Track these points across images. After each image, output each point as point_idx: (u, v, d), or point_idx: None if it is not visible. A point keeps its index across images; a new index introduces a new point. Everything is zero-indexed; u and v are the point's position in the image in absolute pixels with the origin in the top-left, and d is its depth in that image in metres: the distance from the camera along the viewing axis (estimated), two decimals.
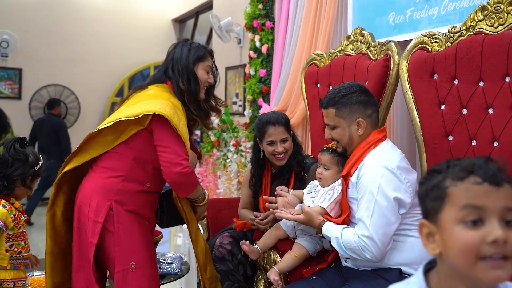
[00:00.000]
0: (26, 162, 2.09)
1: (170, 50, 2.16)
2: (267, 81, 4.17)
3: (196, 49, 2.12)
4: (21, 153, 2.09)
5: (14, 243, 2.06)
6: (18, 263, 2.08)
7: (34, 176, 2.15)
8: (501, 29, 1.83)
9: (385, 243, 1.67)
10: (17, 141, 2.11)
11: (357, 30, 2.58)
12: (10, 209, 2.03)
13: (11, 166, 2.06)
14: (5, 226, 2.01)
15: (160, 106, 1.92)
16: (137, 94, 2.09)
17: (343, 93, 1.87)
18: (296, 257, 2.02)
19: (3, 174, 2.08)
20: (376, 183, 1.70)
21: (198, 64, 2.10)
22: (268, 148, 2.36)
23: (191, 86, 2.07)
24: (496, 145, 1.81)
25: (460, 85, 1.95)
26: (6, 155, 2.09)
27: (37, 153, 2.18)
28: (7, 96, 7.38)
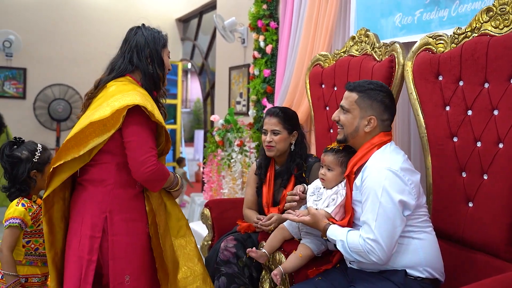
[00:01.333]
0: (21, 161, 2.09)
1: (130, 37, 2.05)
2: (271, 81, 4.17)
3: (159, 34, 2.05)
4: (12, 156, 2.10)
5: (31, 239, 2.08)
6: (34, 259, 2.09)
7: (38, 167, 2.14)
8: (506, 30, 1.83)
9: (390, 246, 1.67)
10: (6, 147, 2.12)
11: (362, 31, 2.58)
12: (29, 207, 2.07)
13: (12, 171, 2.09)
14: (24, 224, 2.04)
15: (129, 98, 1.83)
16: (101, 93, 1.98)
17: (373, 86, 1.87)
18: (301, 258, 2.03)
19: (10, 181, 2.12)
20: (380, 185, 1.70)
21: (163, 50, 2.05)
22: (263, 136, 2.48)
23: (160, 72, 2.02)
24: (501, 146, 1.81)
25: (465, 87, 1.95)
26: (2, 163, 2.12)
27: (31, 145, 2.16)
28: (11, 95, 7.40)
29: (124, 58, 2.02)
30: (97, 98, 1.98)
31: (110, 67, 2.05)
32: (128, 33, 2.07)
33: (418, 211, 1.77)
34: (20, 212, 2.03)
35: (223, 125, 4.49)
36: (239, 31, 5.01)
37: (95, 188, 1.90)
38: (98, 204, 1.88)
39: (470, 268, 1.86)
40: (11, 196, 2.12)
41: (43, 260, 2.10)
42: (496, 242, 1.80)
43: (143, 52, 2.00)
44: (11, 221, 2.02)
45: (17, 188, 2.10)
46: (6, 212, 2.08)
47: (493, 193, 1.82)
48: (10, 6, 7.33)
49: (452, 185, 1.99)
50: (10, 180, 2.12)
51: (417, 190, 1.76)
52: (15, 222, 2.02)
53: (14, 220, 2.02)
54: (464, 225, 1.92)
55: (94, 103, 1.96)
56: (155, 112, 1.85)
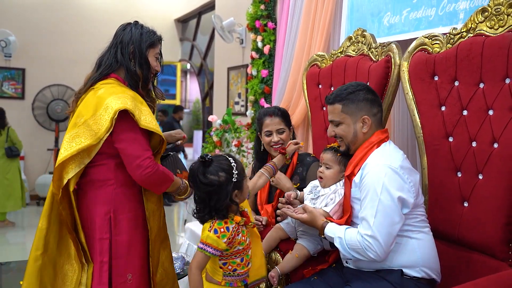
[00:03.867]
0: (220, 187, 1.71)
1: (119, 31, 2.04)
2: (269, 81, 4.18)
3: (148, 34, 2.02)
4: (210, 184, 1.71)
5: (227, 261, 1.79)
6: (233, 280, 1.82)
7: (238, 185, 1.76)
8: (501, 31, 1.83)
9: (388, 242, 1.67)
10: (198, 171, 1.72)
11: (359, 31, 2.59)
12: (222, 234, 1.71)
13: (210, 201, 1.72)
14: (217, 251, 1.73)
15: (121, 101, 1.82)
16: (89, 95, 1.96)
17: (351, 90, 1.88)
18: (297, 258, 2.04)
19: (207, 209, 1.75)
20: (380, 182, 1.70)
21: (150, 50, 2.01)
22: (266, 139, 2.43)
23: (143, 71, 1.97)
24: (496, 146, 1.81)
25: (461, 87, 1.96)
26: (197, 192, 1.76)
27: (223, 162, 1.75)
28: (10, 96, 7.41)
29: (110, 53, 2.02)
30: (87, 98, 1.96)
31: (98, 62, 2.05)
32: (118, 29, 2.07)
33: (416, 211, 1.78)
34: (212, 240, 1.71)
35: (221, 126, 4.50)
36: (238, 32, 5.01)
37: (96, 190, 1.91)
38: (101, 206, 1.89)
39: (465, 267, 1.87)
40: (203, 220, 1.79)
41: (242, 278, 1.85)
42: (491, 242, 1.80)
43: (127, 48, 1.99)
44: (202, 247, 1.73)
45: (214, 216, 1.75)
46: (202, 232, 1.78)
47: (488, 193, 1.82)
48: (8, 6, 7.34)
49: (448, 185, 1.99)
50: (207, 208, 1.75)
51: (416, 189, 1.77)
52: (207, 251, 1.72)
53: (205, 247, 1.72)
54: (459, 225, 1.92)
55: (84, 103, 1.96)
56: (140, 120, 1.84)
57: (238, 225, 1.76)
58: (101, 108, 1.84)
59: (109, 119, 1.80)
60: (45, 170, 7.53)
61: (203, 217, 1.76)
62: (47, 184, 7.18)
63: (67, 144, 1.85)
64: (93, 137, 1.81)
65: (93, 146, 1.82)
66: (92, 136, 1.81)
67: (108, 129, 1.80)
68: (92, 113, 1.86)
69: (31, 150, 7.50)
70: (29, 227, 6.12)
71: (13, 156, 5.87)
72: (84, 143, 1.81)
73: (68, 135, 1.88)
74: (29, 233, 5.79)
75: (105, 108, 1.83)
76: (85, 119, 1.86)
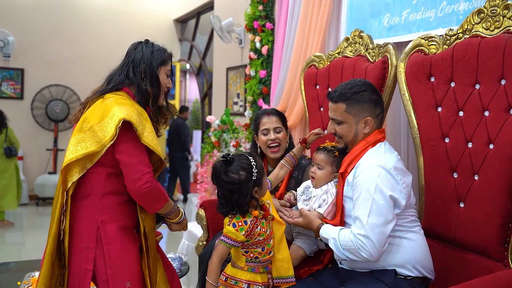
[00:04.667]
0: (241, 184, 1.83)
1: (130, 51, 2.07)
2: (267, 82, 4.18)
3: (159, 52, 2.05)
4: (232, 182, 1.84)
5: (249, 250, 1.89)
6: (255, 266, 1.91)
7: (258, 182, 1.87)
8: (497, 32, 1.84)
9: (381, 242, 1.68)
10: (221, 170, 1.86)
11: (356, 32, 2.59)
12: (240, 227, 1.84)
13: (232, 197, 1.84)
14: (237, 242, 1.86)
15: (127, 112, 1.85)
16: (98, 102, 1.99)
17: (356, 89, 1.86)
18: (294, 258, 2.04)
19: (230, 204, 1.87)
20: (374, 182, 1.71)
21: (161, 68, 2.04)
22: (263, 138, 2.42)
23: (153, 89, 2.00)
24: (491, 147, 1.82)
25: (457, 88, 1.96)
26: (220, 190, 1.89)
27: (244, 161, 1.87)
28: (9, 96, 7.42)
29: (122, 71, 2.05)
30: (94, 105, 1.99)
31: (108, 79, 2.07)
32: (129, 48, 2.09)
33: (407, 211, 1.79)
34: (231, 233, 1.84)
35: (219, 126, 4.50)
36: (236, 32, 5.02)
37: (84, 200, 1.90)
38: (88, 215, 1.89)
39: (461, 268, 1.87)
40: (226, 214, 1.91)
41: (264, 265, 1.93)
42: (486, 242, 1.81)
43: (138, 67, 2.01)
44: (222, 239, 1.86)
45: (236, 211, 1.86)
46: (224, 226, 1.91)
47: (483, 194, 1.83)
48: (7, 6, 7.34)
49: (444, 185, 2.00)
50: (229, 204, 1.86)
51: (408, 190, 1.78)
52: (227, 242, 1.85)
53: (225, 239, 1.86)
54: (455, 225, 1.93)
55: (91, 110, 1.97)
56: (143, 136, 1.86)
57: (257, 218, 1.87)
58: (107, 116, 1.86)
59: (114, 127, 1.82)
60: (44, 170, 7.54)
61: (227, 212, 1.89)
62: (46, 184, 7.19)
63: (72, 147, 1.87)
64: (98, 143, 1.83)
65: (97, 153, 1.84)
66: (97, 142, 1.83)
67: (113, 137, 1.82)
68: (98, 120, 1.88)
69: (30, 150, 7.50)
70: (28, 227, 6.13)
71: (11, 155, 5.92)
72: (89, 149, 1.83)
73: (73, 139, 1.90)
74: (27, 234, 5.79)
75: (111, 116, 1.85)
76: (92, 125, 1.88)
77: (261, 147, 2.47)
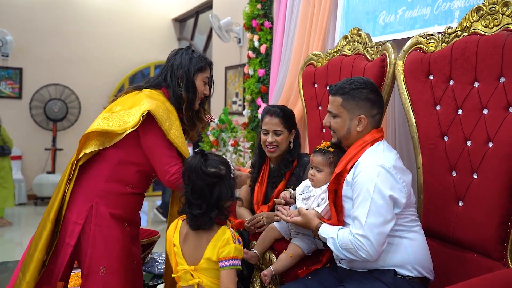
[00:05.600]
0: (222, 180, 1.69)
1: (171, 56, 2.15)
2: (265, 81, 4.17)
3: (197, 59, 2.11)
4: (212, 175, 1.67)
5: None
6: None
7: (235, 185, 1.77)
8: (496, 29, 1.83)
9: (380, 242, 1.66)
10: (199, 163, 1.69)
11: (354, 30, 2.58)
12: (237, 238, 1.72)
13: (212, 193, 1.67)
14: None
15: (155, 106, 1.92)
16: (133, 93, 2.08)
17: (355, 85, 1.85)
18: (291, 257, 2.03)
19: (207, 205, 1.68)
20: (373, 181, 1.69)
21: (198, 74, 2.10)
22: (262, 137, 2.43)
23: (188, 95, 2.07)
24: (490, 145, 1.81)
25: (456, 86, 1.95)
26: (199, 183, 1.68)
27: (219, 158, 1.75)
28: (7, 95, 7.39)
29: (161, 75, 2.14)
30: (130, 94, 2.08)
31: (146, 80, 2.17)
32: (170, 54, 2.18)
33: (407, 211, 1.78)
34: (239, 252, 1.66)
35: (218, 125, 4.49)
36: (235, 31, 5.01)
37: (88, 178, 1.97)
38: (86, 192, 1.95)
39: (460, 267, 1.86)
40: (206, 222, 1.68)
41: None
42: (486, 241, 1.80)
43: (176, 72, 2.09)
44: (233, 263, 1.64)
45: (216, 213, 1.67)
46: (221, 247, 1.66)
47: (482, 192, 1.82)
48: (6, 5, 7.32)
49: (443, 184, 1.99)
50: (205, 204, 1.67)
51: (408, 189, 1.77)
52: (238, 265, 1.65)
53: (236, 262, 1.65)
54: (454, 224, 1.92)
55: (125, 97, 2.07)
56: (170, 132, 1.93)
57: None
58: (137, 105, 1.96)
59: (139, 115, 1.90)
60: (42, 170, 7.52)
61: (201, 217, 1.65)
62: (44, 183, 7.18)
63: (98, 121, 1.98)
64: (120, 126, 1.92)
65: (117, 134, 1.92)
66: (120, 125, 1.92)
67: (135, 125, 1.90)
68: (128, 106, 1.98)
69: (29, 150, 7.48)
70: (26, 226, 6.11)
71: (4, 154, 5.94)
72: (111, 127, 1.92)
73: (100, 116, 2.00)
74: (26, 233, 5.78)
75: (140, 106, 1.94)
76: (121, 109, 1.99)
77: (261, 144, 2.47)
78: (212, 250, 1.68)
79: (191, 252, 1.74)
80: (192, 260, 1.73)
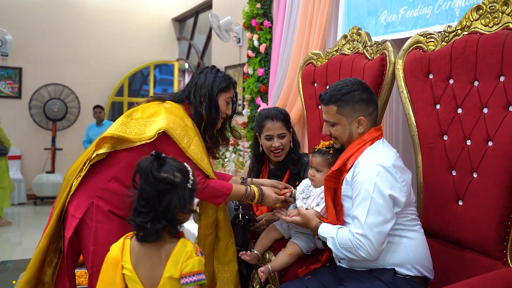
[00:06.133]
0: (175, 188, 1.47)
1: (196, 75, 2.17)
2: (265, 80, 4.17)
3: (221, 79, 2.13)
4: (164, 181, 1.46)
5: None
6: None
7: (192, 195, 1.53)
8: (495, 28, 1.82)
9: (380, 241, 1.66)
10: (151, 167, 1.47)
11: (354, 29, 2.58)
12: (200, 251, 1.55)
13: (161, 202, 1.46)
14: None
15: (172, 125, 1.93)
16: (155, 103, 2.09)
17: (345, 90, 1.84)
18: (289, 255, 2.03)
19: (155, 215, 1.46)
20: (372, 181, 1.69)
21: (221, 94, 2.12)
22: (266, 143, 2.39)
23: (211, 114, 2.09)
24: (490, 144, 1.80)
25: (455, 85, 1.95)
26: (148, 188, 1.46)
27: (178, 164, 1.53)
28: (7, 95, 7.39)
29: (184, 91, 2.15)
30: (152, 103, 2.09)
31: (170, 93, 2.19)
32: (195, 72, 2.20)
33: (407, 210, 1.77)
34: (203, 265, 1.49)
35: None
36: (235, 31, 5.01)
37: (94, 174, 1.99)
38: (89, 190, 1.96)
39: (459, 266, 1.86)
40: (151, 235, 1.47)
41: None
42: (485, 240, 1.79)
43: (200, 91, 2.10)
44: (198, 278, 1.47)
45: (163, 226, 1.46)
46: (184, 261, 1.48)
47: (482, 192, 1.81)
48: (5, 5, 7.32)
49: (442, 183, 1.98)
50: (152, 212, 1.46)
51: (408, 188, 1.76)
52: (204, 279, 1.48)
53: (201, 276, 1.48)
54: (454, 224, 1.92)
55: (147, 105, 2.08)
56: (189, 149, 1.94)
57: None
58: (156, 117, 1.98)
59: (155, 131, 1.92)
60: (42, 170, 7.52)
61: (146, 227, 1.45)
62: (43, 183, 7.18)
63: (116, 126, 2.00)
64: (136, 135, 1.95)
65: (131, 142, 1.95)
66: (136, 134, 1.95)
67: (150, 138, 1.92)
68: (147, 116, 2.00)
69: (28, 150, 7.49)
70: (26, 226, 6.11)
71: (1, 154, 5.94)
72: (127, 135, 1.95)
73: (119, 120, 2.02)
74: (25, 233, 5.77)
75: (158, 120, 1.95)
76: (140, 117, 2.01)
77: (264, 149, 2.44)
78: (174, 267, 1.47)
79: (148, 273, 1.50)
80: (151, 282, 1.49)
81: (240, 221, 2.20)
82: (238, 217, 2.21)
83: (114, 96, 8.07)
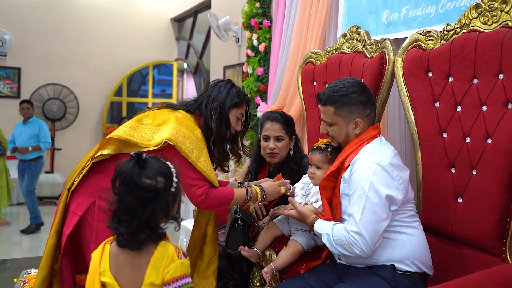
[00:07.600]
0: (158, 195, 1.36)
1: (210, 87, 2.16)
2: (264, 79, 4.18)
3: (235, 94, 2.11)
4: (146, 189, 1.34)
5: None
6: None
7: (177, 198, 1.43)
8: (494, 26, 1.84)
9: (374, 239, 1.68)
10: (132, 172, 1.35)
11: (353, 28, 2.59)
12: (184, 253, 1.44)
13: (143, 210, 1.35)
14: None
15: (182, 138, 1.92)
16: (166, 110, 2.08)
17: (343, 92, 1.84)
18: (292, 254, 2.04)
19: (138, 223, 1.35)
20: (368, 179, 1.70)
21: (232, 109, 2.10)
22: (263, 143, 2.40)
23: (221, 128, 2.08)
24: (489, 142, 1.81)
25: (454, 83, 1.96)
26: (130, 198, 1.35)
27: (161, 165, 1.40)
28: (6, 95, 7.39)
29: (196, 101, 2.14)
30: (163, 110, 2.09)
31: (182, 102, 2.19)
32: (210, 84, 2.19)
33: (406, 206, 1.78)
34: (188, 268, 1.40)
35: None
36: (234, 30, 5.01)
37: (97, 176, 1.99)
38: (91, 188, 1.97)
39: (459, 263, 1.87)
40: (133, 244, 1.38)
41: None
42: (484, 237, 1.80)
43: (211, 104, 2.09)
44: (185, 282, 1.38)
45: (147, 235, 1.37)
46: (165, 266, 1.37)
47: (481, 189, 1.82)
48: (4, 5, 7.32)
49: (442, 181, 1.99)
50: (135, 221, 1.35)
51: (405, 186, 1.77)
52: (190, 282, 1.39)
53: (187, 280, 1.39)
54: (453, 221, 1.93)
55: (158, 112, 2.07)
56: (198, 162, 1.93)
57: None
58: (166, 125, 1.97)
59: (162, 139, 1.91)
60: None
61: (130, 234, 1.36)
62: (43, 183, 7.16)
63: (124, 128, 1.99)
64: (145, 140, 1.94)
65: (138, 146, 1.93)
66: (144, 139, 1.94)
67: (158, 145, 1.91)
68: (157, 123, 1.99)
69: None
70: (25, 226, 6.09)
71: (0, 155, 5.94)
72: (135, 139, 1.94)
73: (129, 123, 2.01)
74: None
75: (168, 129, 1.94)
76: (150, 123, 2.00)
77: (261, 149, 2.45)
78: (155, 273, 1.37)
79: (129, 279, 1.40)
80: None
81: (239, 224, 2.21)
82: (237, 220, 2.21)
83: (113, 96, 8.08)
